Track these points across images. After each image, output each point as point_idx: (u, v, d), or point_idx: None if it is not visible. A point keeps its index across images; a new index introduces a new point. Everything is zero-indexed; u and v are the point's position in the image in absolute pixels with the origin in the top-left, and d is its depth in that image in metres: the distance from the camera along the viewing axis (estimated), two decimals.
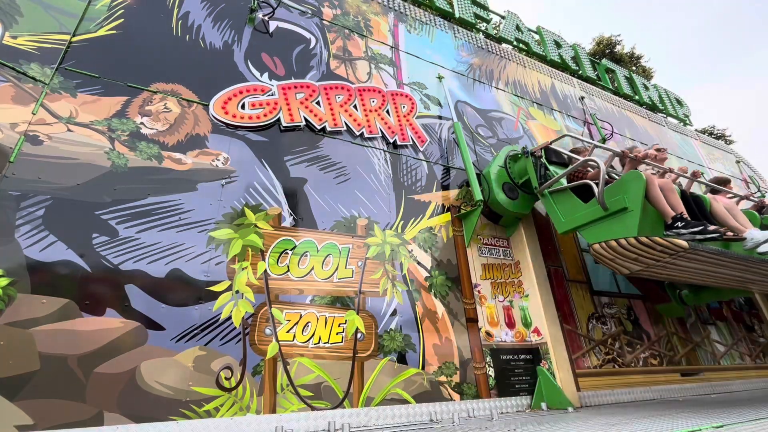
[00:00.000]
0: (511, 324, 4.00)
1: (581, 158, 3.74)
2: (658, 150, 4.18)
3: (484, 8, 7.75)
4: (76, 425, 2.11)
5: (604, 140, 6.73)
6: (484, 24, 7.65)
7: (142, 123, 3.20)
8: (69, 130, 2.90)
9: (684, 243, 3.06)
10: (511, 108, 6.42)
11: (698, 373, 5.08)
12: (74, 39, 3.27)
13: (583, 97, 7.90)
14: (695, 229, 3.12)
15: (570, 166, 3.80)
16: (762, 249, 3.29)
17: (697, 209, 3.61)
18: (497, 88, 6.54)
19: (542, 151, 4.30)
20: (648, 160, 3.79)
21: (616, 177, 3.63)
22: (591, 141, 4.00)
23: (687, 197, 3.61)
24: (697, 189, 5.72)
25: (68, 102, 3.00)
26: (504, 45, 7.64)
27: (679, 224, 3.16)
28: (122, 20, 3.59)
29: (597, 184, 3.36)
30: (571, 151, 4.23)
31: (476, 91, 6.13)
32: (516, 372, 3.71)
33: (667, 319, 5.39)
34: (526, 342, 3.97)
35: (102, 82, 3.20)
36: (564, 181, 3.88)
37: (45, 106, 2.90)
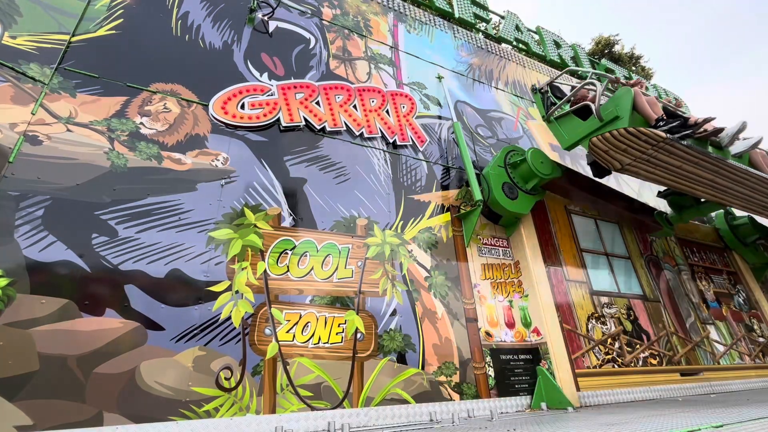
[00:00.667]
0: (510, 324, 4.01)
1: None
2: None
3: (484, 8, 7.75)
4: (75, 425, 2.11)
5: None
6: (484, 24, 7.65)
7: (141, 123, 3.19)
8: (68, 130, 2.89)
9: (662, 133, 3.58)
10: (510, 108, 6.42)
11: (698, 372, 5.08)
12: (74, 39, 3.26)
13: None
14: (674, 124, 3.67)
15: (572, 91, 4.43)
16: (737, 148, 3.96)
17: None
18: (497, 88, 6.54)
19: (548, 87, 4.82)
20: (637, 87, 4.13)
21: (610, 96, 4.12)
22: (590, 70, 4.46)
23: (669, 111, 4.12)
24: None
25: (67, 102, 3.00)
26: (503, 45, 7.65)
27: (661, 123, 3.71)
28: (122, 20, 3.59)
29: (594, 103, 3.93)
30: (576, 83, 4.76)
31: (476, 91, 6.13)
32: (516, 372, 3.71)
33: (666, 318, 5.39)
34: (525, 342, 3.97)
35: (101, 82, 3.20)
36: (567, 107, 4.47)
37: (44, 106, 2.90)
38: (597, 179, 5.30)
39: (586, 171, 6.12)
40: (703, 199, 5.77)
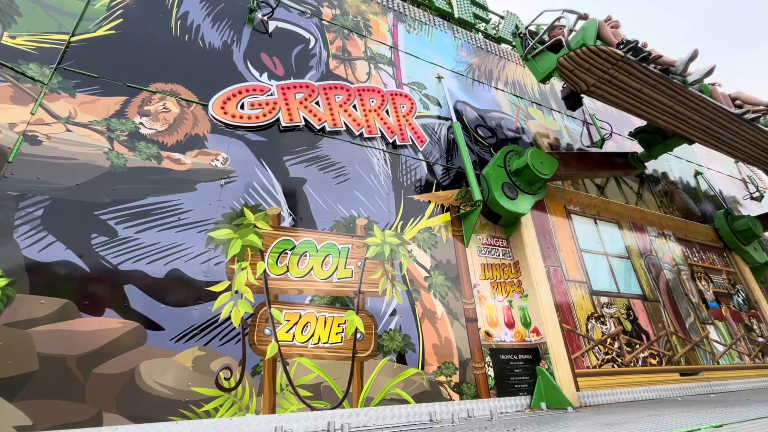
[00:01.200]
0: (510, 324, 4.01)
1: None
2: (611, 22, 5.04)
3: (484, 8, 7.75)
4: (75, 426, 2.11)
5: (603, 141, 6.74)
6: (483, 24, 7.65)
7: (141, 123, 3.19)
8: (68, 130, 2.89)
9: (620, 52, 4.02)
10: (510, 108, 6.42)
11: (697, 372, 5.09)
12: (73, 39, 3.26)
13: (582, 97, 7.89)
14: (631, 45, 4.12)
15: (545, 29, 4.79)
16: (692, 77, 4.28)
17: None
18: (496, 88, 6.54)
19: (527, 31, 5.15)
20: (603, 21, 4.48)
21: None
22: (561, 8, 4.72)
23: (629, 40, 4.42)
24: None
25: (67, 102, 3.00)
26: (503, 45, 7.65)
27: (621, 46, 4.18)
28: (121, 20, 3.59)
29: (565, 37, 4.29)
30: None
31: (476, 91, 6.13)
32: (515, 372, 3.71)
33: (666, 318, 5.39)
34: (525, 342, 3.97)
35: (101, 82, 3.20)
36: (540, 46, 4.83)
37: (44, 106, 2.90)
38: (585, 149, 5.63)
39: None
40: (668, 136, 6.26)
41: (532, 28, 5.19)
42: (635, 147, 7.82)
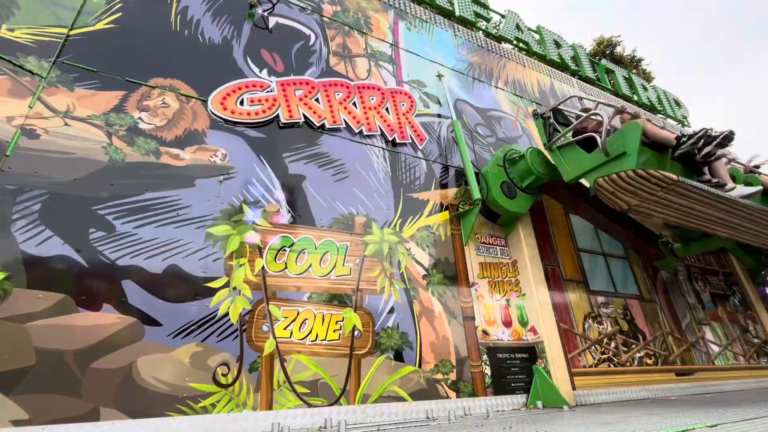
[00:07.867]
0: (507, 323, 4.02)
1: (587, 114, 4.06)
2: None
3: (485, 7, 7.73)
4: (71, 420, 2.11)
5: None
6: (484, 23, 7.63)
7: (140, 118, 3.18)
8: (66, 124, 2.88)
9: (673, 175, 3.33)
10: (510, 107, 6.42)
11: (693, 373, 5.12)
12: (72, 32, 3.24)
13: (582, 98, 7.89)
14: (700, 134, 3.41)
15: (576, 121, 4.12)
16: (740, 191, 3.66)
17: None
18: (497, 87, 6.53)
19: (551, 112, 4.52)
20: (643, 117, 3.93)
21: (617, 128, 3.84)
22: (596, 99, 4.25)
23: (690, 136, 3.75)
24: None
25: (65, 96, 2.98)
26: (504, 44, 7.64)
27: (684, 139, 3.48)
28: (120, 14, 3.56)
29: (600, 135, 3.63)
30: (581, 110, 4.41)
31: (476, 90, 6.12)
32: (512, 370, 3.73)
33: (662, 318, 5.42)
34: (522, 341, 3.98)
35: (100, 76, 3.18)
36: (570, 136, 4.15)
37: (42, 99, 2.88)
38: None
39: None
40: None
41: (541, 109, 4.67)
42: None
